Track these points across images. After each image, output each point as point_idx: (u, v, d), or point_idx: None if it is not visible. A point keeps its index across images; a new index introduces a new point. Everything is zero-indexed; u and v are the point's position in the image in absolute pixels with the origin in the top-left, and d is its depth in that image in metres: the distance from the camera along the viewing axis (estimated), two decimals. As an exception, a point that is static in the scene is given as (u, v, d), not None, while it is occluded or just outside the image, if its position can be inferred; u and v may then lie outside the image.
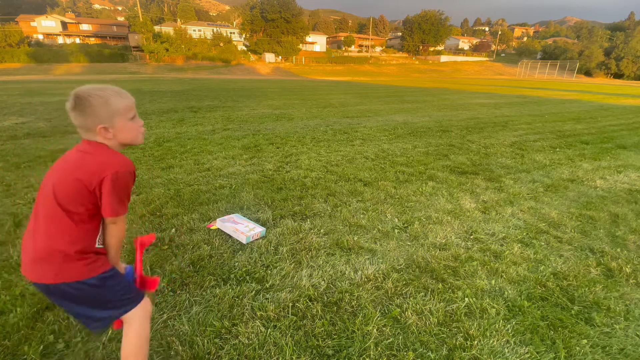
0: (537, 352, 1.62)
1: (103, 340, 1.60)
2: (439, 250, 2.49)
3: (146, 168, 4.23)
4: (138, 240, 1.36)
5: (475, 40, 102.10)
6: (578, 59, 68.26)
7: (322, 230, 2.72)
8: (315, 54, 71.31)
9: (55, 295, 1.16)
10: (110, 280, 1.20)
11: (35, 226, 1.13)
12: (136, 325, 1.26)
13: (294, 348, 1.60)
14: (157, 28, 59.87)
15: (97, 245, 1.18)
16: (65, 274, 1.12)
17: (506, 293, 2.02)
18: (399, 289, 2.04)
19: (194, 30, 65.94)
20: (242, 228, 2.59)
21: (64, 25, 65.16)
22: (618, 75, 69.86)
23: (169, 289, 1.98)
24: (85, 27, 67.13)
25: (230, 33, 67.72)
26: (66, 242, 1.10)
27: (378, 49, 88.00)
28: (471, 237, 2.70)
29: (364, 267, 2.24)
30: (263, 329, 1.70)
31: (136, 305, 1.26)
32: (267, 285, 2.04)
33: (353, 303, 1.91)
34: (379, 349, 1.61)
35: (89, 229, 1.15)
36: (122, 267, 1.32)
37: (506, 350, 1.63)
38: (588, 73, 70.29)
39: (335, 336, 1.67)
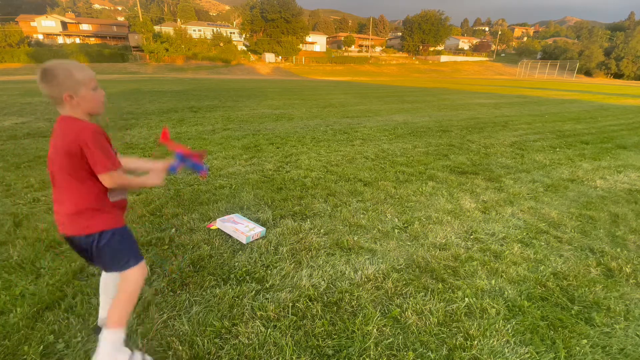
0: (537, 352, 1.62)
1: (103, 340, 1.60)
2: (439, 250, 2.49)
3: (146, 168, 4.22)
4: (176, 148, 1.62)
5: (475, 40, 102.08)
6: (578, 59, 68.23)
7: (322, 230, 2.72)
8: (315, 54, 71.28)
9: (85, 250, 1.38)
10: (125, 235, 1.44)
11: (59, 196, 1.35)
12: (133, 280, 1.43)
13: (294, 348, 1.60)
14: (157, 28, 59.83)
15: (112, 199, 1.39)
16: (94, 226, 1.34)
17: (506, 293, 2.02)
18: (399, 289, 2.04)
19: (194, 30, 65.90)
20: (242, 228, 2.59)
21: (64, 25, 65.12)
22: (618, 75, 69.82)
23: (169, 289, 1.98)
24: (85, 27, 67.07)
25: (230, 33, 67.68)
26: (92, 200, 1.34)
27: (378, 49, 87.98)
28: (471, 237, 2.70)
29: (364, 267, 2.24)
30: (263, 329, 1.70)
31: (137, 263, 1.44)
32: (267, 285, 2.04)
33: (353, 303, 1.91)
34: (379, 349, 1.61)
35: (101, 186, 1.33)
36: (162, 164, 1.56)
37: (506, 350, 1.63)
38: (588, 73, 70.26)
39: (335, 336, 1.67)
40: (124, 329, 1.41)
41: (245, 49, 65.31)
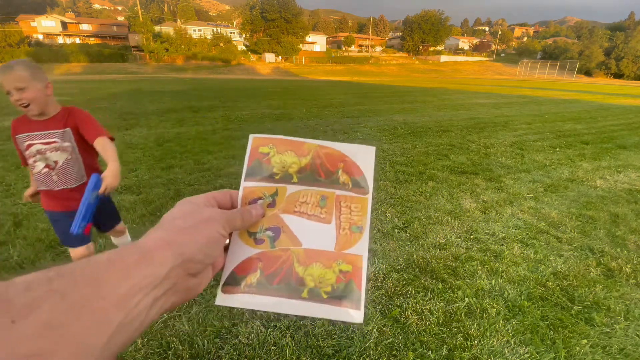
0: (537, 352, 1.62)
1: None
2: (439, 250, 2.49)
3: (146, 168, 4.23)
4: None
5: (475, 40, 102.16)
6: (578, 59, 68.26)
7: (322, 230, 2.72)
8: (315, 53, 71.30)
9: None
10: (50, 219, 1.80)
11: None
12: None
13: (294, 348, 1.60)
14: (157, 28, 59.95)
15: (38, 188, 1.73)
16: None
17: (506, 293, 2.02)
18: (399, 289, 2.04)
19: (194, 30, 65.95)
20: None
21: (64, 25, 65.15)
22: (618, 75, 69.87)
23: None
24: (85, 27, 67.12)
25: (230, 33, 67.75)
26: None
27: (378, 49, 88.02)
28: (471, 237, 2.70)
29: (364, 267, 2.23)
30: (263, 329, 1.70)
31: (68, 247, 1.82)
32: (267, 285, 2.03)
33: (353, 303, 1.90)
34: (379, 348, 1.61)
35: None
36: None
37: (506, 350, 1.63)
38: (588, 73, 70.29)
39: (335, 336, 1.67)
40: None
41: (245, 49, 65.32)
